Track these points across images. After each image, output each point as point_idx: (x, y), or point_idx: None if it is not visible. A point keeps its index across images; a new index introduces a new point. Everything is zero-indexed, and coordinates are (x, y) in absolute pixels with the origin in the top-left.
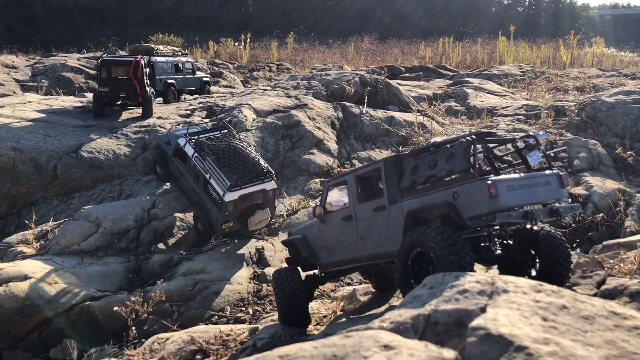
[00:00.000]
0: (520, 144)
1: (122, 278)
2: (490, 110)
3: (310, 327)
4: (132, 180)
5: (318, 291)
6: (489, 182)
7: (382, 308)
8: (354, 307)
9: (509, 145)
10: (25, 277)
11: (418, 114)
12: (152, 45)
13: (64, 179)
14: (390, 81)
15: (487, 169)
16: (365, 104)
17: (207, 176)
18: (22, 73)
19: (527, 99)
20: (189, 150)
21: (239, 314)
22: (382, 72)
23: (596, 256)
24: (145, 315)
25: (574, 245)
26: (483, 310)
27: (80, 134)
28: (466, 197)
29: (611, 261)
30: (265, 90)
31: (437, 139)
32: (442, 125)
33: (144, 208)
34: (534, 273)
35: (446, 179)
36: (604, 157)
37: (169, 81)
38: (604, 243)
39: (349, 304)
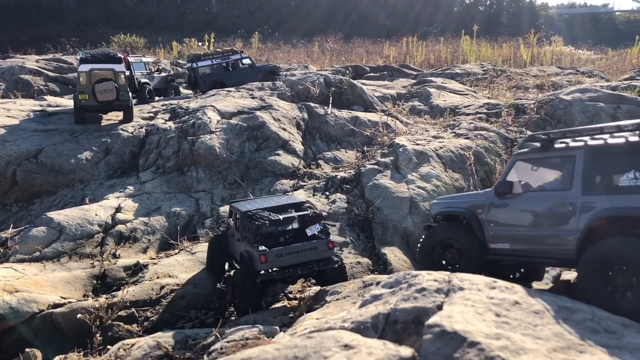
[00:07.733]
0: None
1: (86, 284)
2: (453, 109)
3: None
4: (95, 185)
5: (285, 292)
6: (261, 253)
7: (347, 307)
8: (320, 306)
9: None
10: None
11: (382, 113)
12: (200, 52)
13: (24, 184)
14: (355, 81)
15: (309, 219)
16: (330, 105)
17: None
18: None
19: (488, 98)
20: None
21: (205, 317)
22: (347, 72)
23: None
24: (110, 321)
25: None
26: (440, 307)
27: (40, 138)
28: (255, 258)
29: None
30: (229, 91)
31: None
32: (406, 125)
33: (108, 213)
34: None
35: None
36: None
37: (215, 78)
38: None
39: (315, 304)
